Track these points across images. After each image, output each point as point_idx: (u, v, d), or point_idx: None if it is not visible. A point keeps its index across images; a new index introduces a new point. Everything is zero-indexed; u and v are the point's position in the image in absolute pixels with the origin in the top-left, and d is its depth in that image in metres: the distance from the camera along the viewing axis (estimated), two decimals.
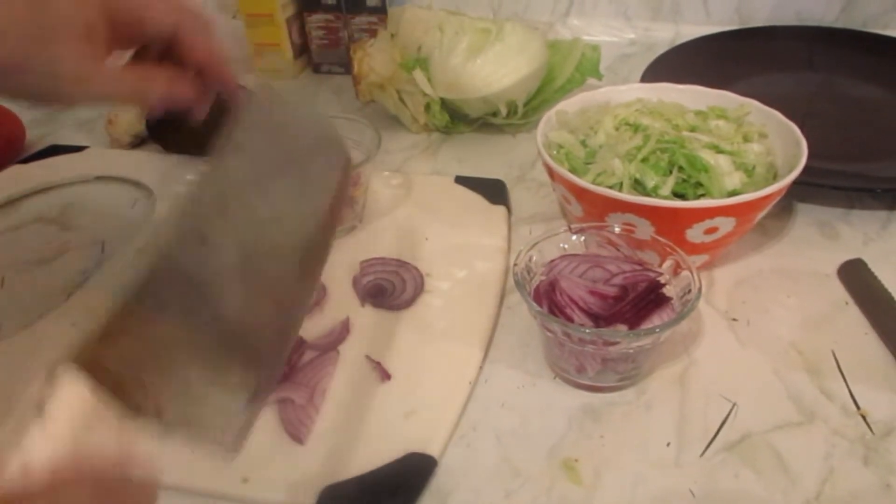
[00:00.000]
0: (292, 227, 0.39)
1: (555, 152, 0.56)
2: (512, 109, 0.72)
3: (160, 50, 0.45)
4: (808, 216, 0.60)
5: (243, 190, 0.37)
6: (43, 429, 0.27)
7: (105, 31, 0.42)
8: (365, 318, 0.51)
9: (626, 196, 0.48)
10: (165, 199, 0.65)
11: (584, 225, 0.49)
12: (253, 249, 0.36)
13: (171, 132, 0.71)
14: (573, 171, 0.52)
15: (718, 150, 0.52)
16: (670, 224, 0.48)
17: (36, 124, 0.81)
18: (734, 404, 0.45)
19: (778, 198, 0.50)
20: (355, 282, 0.54)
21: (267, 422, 0.44)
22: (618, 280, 0.46)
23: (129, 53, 0.45)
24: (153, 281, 0.31)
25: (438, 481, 0.41)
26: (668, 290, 0.45)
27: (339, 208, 0.44)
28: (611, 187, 0.50)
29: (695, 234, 0.49)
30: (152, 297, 0.31)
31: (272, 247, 0.37)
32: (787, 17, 0.90)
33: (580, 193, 0.51)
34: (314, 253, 0.40)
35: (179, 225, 0.34)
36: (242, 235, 0.36)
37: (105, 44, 0.42)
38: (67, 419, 0.28)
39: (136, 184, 0.68)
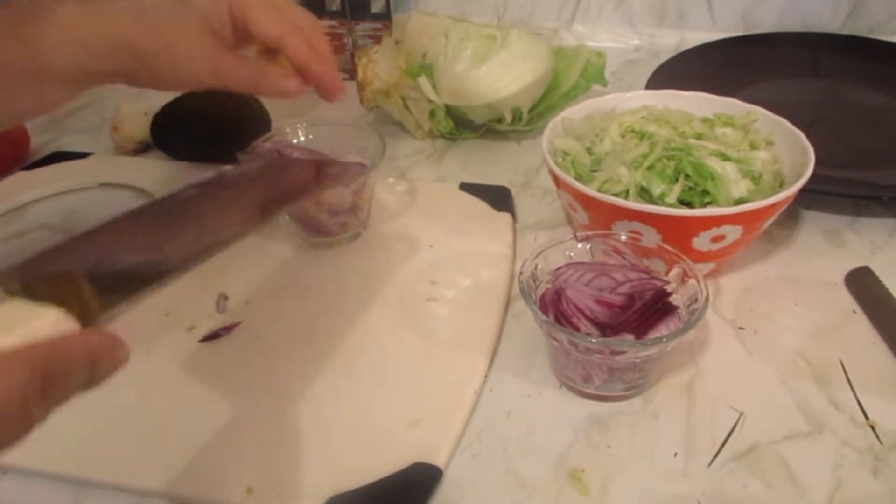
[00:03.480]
0: None
1: (560, 159, 0.55)
2: (517, 116, 0.72)
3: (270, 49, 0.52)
4: (814, 224, 0.60)
5: None
6: None
7: (229, 30, 0.49)
8: None
9: (633, 204, 0.48)
10: None
11: (590, 233, 0.49)
12: None
13: (176, 138, 0.71)
14: (579, 178, 0.52)
15: (725, 158, 0.52)
16: (677, 232, 0.48)
17: (40, 130, 0.81)
18: (741, 414, 0.44)
19: (785, 206, 0.49)
20: None
21: (272, 431, 0.44)
22: (624, 289, 0.46)
23: None
24: None
25: (444, 492, 0.41)
26: (675, 299, 0.44)
27: None
28: (617, 195, 0.50)
29: (701, 242, 0.49)
30: None
31: None
32: (792, 24, 0.90)
33: (586, 201, 0.50)
34: None
35: None
36: None
37: (228, 39, 0.49)
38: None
39: (141, 190, 0.68)
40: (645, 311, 0.43)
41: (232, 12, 0.48)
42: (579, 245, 0.49)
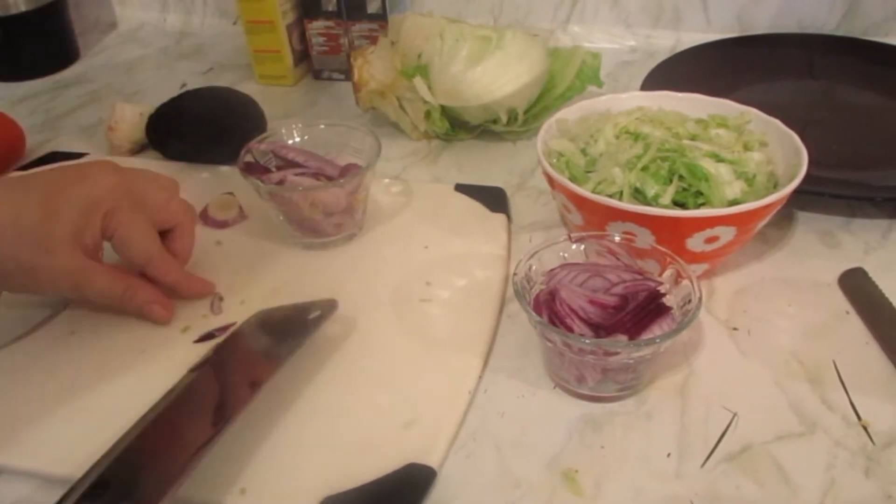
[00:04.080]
0: None
1: (555, 160, 0.56)
2: (512, 117, 0.72)
3: None
4: (808, 225, 0.60)
5: None
6: None
7: (101, 241, 0.49)
8: None
9: (627, 205, 0.48)
10: None
11: (585, 234, 0.49)
12: None
13: (172, 139, 0.71)
14: (573, 179, 0.52)
15: (719, 159, 0.52)
16: (671, 233, 0.48)
17: (36, 130, 0.81)
18: (735, 414, 0.45)
19: (778, 207, 0.50)
20: None
21: (265, 432, 0.44)
22: (618, 289, 0.46)
23: None
24: None
25: (438, 492, 0.41)
26: (669, 300, 0.44)
27: None
28: (611, 196, 0.50)
29: (695, 243, 0.49)
30: None
31: None
32: (788, 25, 0.90)
33: (580, 202, 0.51)
34: None
35: None
36: None
37: (99, 247, 0.49)
38: None
39: None
40: (638, 312, 0.43)
41: (103, 233, 0.48)
42: (573, 246, 0.49)
